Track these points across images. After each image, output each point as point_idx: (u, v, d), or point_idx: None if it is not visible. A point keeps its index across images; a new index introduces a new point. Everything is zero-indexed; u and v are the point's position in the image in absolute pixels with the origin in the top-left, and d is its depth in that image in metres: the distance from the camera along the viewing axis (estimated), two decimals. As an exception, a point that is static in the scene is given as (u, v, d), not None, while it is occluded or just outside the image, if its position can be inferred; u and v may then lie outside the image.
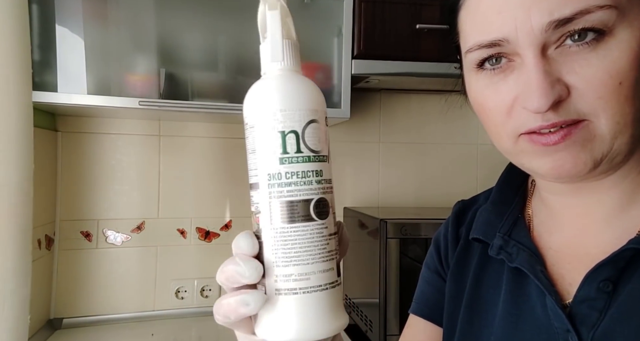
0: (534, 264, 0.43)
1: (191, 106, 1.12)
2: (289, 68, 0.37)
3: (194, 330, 1.30)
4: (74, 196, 1.32)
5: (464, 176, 1.59)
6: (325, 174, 0.36)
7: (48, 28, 1.05)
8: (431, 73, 1.22)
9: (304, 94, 0.35)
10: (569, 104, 0.36)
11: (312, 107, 0.35)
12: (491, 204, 0.51)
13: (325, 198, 0.35)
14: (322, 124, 0.35)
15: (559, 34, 0.35)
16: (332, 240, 0.36)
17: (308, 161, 0.35)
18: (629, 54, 0.35)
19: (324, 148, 0.35)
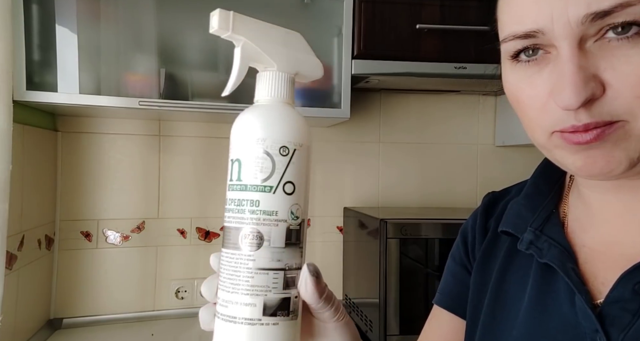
0: (565, 261, 0.42)
1: (191, 106, 1.12)
2: (266, 99, 0.37)
3: (194, 330, 1.30)
4: (74, 196, 1.32)
5: (464, 176, 1.59)
6: (264, 205, 0.35)
7: (48, 28, 1.05)
8: (431, 73, 1.22)
9: (253, 124, 0.35)
10: (603, 103, 0.34)
11: (259, 136, 0.35)
12: (524, 197, 0.50)
13: (259, 230, 0.35)
14: (275, 153, 0.35)
15: (597, 27, 0.33)
16: (262, 276, 0.34)
17: (244, 190, 0.35)
18: None
19: (270, 179, 0.35)
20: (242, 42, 0.36)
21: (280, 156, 0.35)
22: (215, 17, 0.34)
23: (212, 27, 0.35)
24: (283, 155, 0.35)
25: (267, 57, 0.36)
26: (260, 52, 0.36)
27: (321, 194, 1.47)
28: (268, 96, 0.37)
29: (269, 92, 0.37)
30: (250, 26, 0.36)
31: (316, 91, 1.22)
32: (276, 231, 0.35)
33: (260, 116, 0.36)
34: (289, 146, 0.36)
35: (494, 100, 1.61)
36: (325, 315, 0.39)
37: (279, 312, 0.35)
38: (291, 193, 0.36)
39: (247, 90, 0.40)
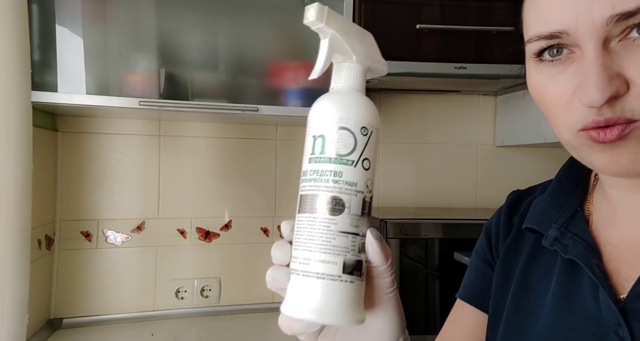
0: (589, 257, 0.42)
1: (191, 106, 1.12)
2: (345, 86, 0.41)
3: (194, 330, 1.30)
4: (74, 196, 1.32)
5: (464, 176, 1.59)
6: (346, 176, 0.39)
7: (48, 28, 1.05)
8: (431, 73, 1.22)
9: (339, 105, 0.40)
10: (625, 101, 0.35)
11: (344, 116, 0.39)
12: (549, 195, 0.51)
13: (340, 197, 0.38)
14: (357, 132, 0.39)
15: (622, 27, 0.34)
16: (343, 238, 0.38)
17: (328, 162, 0.39)
18: None
19: (352, 154, 0.39)
20: (330, 34, 0.40)
21: (361, 135, 0.39)
22: (313, 9, 0.38)
23: (307, 18, 0.39)
24: (363, 134, 0.40)
25: (350, 49, 0.40)
26: (344, 45, 0.40)
27: (321, 194, 1.47)
28: (346, 84, 0.41)
29: (348, 81, 0.41)
30: (338, 21, 0.40)
31: (316, 91, 1.21)
32: (355, 200, 0.39)
33: (343, 99, 0.40)
34: (368, 127, 0.40)
35: (494, 100, 1.61)
36: (385, 281, 0.41)
37: (354, 271, 0.38)
38: (367, 169, 0.40)
39: (246, 90, 0.40)
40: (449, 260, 1.15)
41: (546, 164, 1.61)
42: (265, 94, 1.18)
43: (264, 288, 1.58)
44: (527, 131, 1.43)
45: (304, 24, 0.39)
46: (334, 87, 0.42)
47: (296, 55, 1.21)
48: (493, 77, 1.24)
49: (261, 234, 1.45)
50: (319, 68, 0.39)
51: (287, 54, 1.21)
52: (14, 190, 0.83)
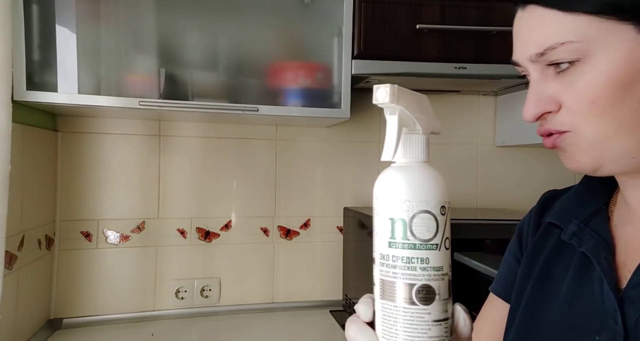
0: (600, 250, 0.47)
1: (191, 106, 1.12)
2: (413, 160, 0.41)
3: (194, 330, 1.30)
4: (74, 196, 1.32)
5: (464, 176, 1.59)
6: (433, 262, 0.38)
7: (48, 28, 1.05)
8: (431, 73, 1.22)
9: (416, 186, 0.39)
10: (556, 116, 0.45)
11: (423, 198, 0.38)
12: (574, 193, 0.56)
13: (430, 285, 0.37)
14: (437, 213, 0.38)
15: (544, 63, 0.45)
16: (437, 327, 0.37)
17: (413, 249, 0.38)
18: (602, 76, 0.41)
19: (435, 237, 0.38)
20: (398, 110, 0.39)
21: (441, 215, 0.39)
22: (384, 90, 0.38)
23: (378, 99, 0.38)
24: (442, 214, 0.39)
25: (416, 123, 0.40)
26: (411, 118, 0.40)
27: (321, 194, 1.47)
28: (414, 158, 0.41)
29: (415, 155, 0.41)
30: (404, 96, 0.39)
31: (316, 91, 1.22)
32: (443, 284, 0.38)
33: (418, 178, 0.39)
34: (446, 205, 0.39)
35: (494, 100, 1.61)
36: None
37: None
38: (449, 248, 0.39)
39: (246, 90, 0.40)
40: (449, 260, 1.15)
41: (546, 164, 1.61)
42: (265, 94, 1.18)
43: (264, 288, 1.59)
44: (527, 131, 1.43)
45: (374, 103, 0.38)
46: (401, 161, 0.41)
47: (296, 56, 1.22)
48: (493, 77, 1.24)
49: (261, 234, 1.45)
50: (393, 148, 0.38)
51: (287, 54, 1.21)
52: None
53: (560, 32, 0.43)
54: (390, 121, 0.39)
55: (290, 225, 1.47)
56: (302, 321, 1.37)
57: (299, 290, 1.48)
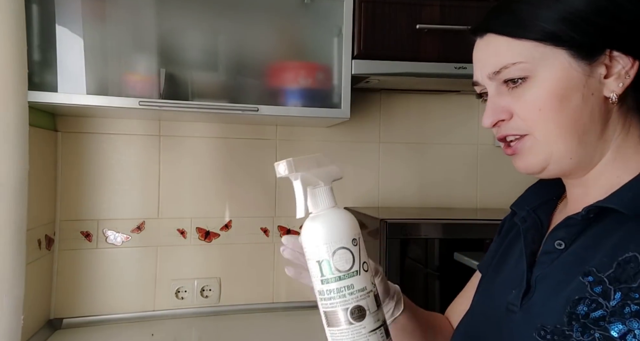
0: (530, 228, 0.59)
1: (191, 106, 1.12)
2: (322, 208, 0.49)
3: (194, 330, 1.30)
4: (74, 196, 1.32)
5: (464, 176, 1.59)
6: (357, 286, 0.47)
7: (48, 28, 1.05)
8: (431, 73, 1.22)
9: (328, 229, 0.48)
10: (510, 123, 0.56)
11: (337, 238, 0.47)
12: (535, 184, 0.66)
13: (360, 305, 0.47)
14: (350, 246, 0.47)
15: (499, 80, 0.55)
16: (374, 335, 0.47)
17: (339, 280, 0.47)
18: (545, 89, 0.52)
19: (354, 265, 0.47)
20: (299, 175, 0.49)
21: (354, 246, 0.48)
22: (282, 165, 0.49)
23: (279, 173, 0.49)
24: (354, 245, 0.48)
25: (316, 179, 0.49)
26: (312, 178, 0.49)
27: (321, 194, 1.47)
28: (324, 205, 0.49)
29: (324, 203, 0.49)
30: (301, 163, 0.49)
31: (316, 91, 1.22)
32: (370, 300, 0.47)
33: (329, 222, 0.48)
34: (356, 236, 0.48)
35: (494, 100, 1.61)
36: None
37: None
38: (367, 269, 0.48)
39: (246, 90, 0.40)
40: (449, 260, 1.15)
41: (546, 164, 1.61)
42: (265, 94, 1.18)
43: (264, 288, 1.59)
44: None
45: (277, 177, 0.48)
46: (314, 212, 0.49)
47: (296, 56, 1.22)
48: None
49: (261, 234, 1.45)
50: (302, 206, 0.49)
51: (287, 54, 1.21)
52: (10, 191, 0.82)
53: (511, 55, 0.53)
54: (295, 186, 0.49)
55: (290, 225, 1.47)
56: (302, 321, 1.37)
57: (299, 290, 1.48)
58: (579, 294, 0.47)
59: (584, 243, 0.52)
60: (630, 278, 0.45)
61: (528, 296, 0.53)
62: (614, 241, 0.48)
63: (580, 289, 0.48)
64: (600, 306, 0.46)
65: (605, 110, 0.52)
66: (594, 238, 0.51)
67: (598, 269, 0.47)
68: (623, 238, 0.48)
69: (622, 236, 0.48)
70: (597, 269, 0.47)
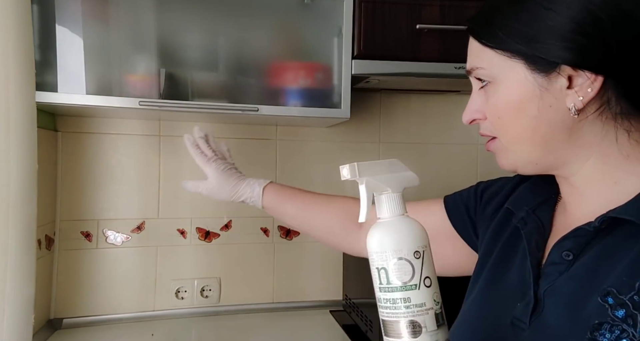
0: (533, 233, 0.56)
1: (191, 106, 1.12)
2: (389, 216, 0.48)
3: (194, 330, 1.30)
4: (74, 196, 1.32)
5: (464, 176, 1.59)
6: (414, 300, 0.45)
7: (48, 28, 1.05)
8: (431, 73, 1.22)
9: (390, 238, 0.47)
10: (484, 123, 0.57)
11: (397, 248, 0.46)
12: (531, 183, 0.64)
13: (415, 320, 0.45)
14: (411, 258, 0.46)
15: (475, 78, 0.56)
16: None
17: (395, 291, 0.45)
18: (503, 99, 0.53)
19: (413, 279, 0.45)
20: (364, 180, 0.48)
21: (415, 259, 0.46)
22: (345, 169, 0.49)
23: (344, 176, 0.49)
24: (416, 258, 0.46)
25: (384, 185, 0.49)
26: (378, 183, 0.49)
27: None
28: (390, 213, 0.48)
29: (390, 211, 0.48)
30: (367, 168, 0.49)
31: (316, 91, 1.22)
32: (429, 318, 0.45)
33: (393, 231, 0.47)
34: (419, 249, 0.46)
35: (494, 100, 1.61)
36: None
37: None
38: (430, 285, 0.46)
39: (246, 90, 0.40)
40: (449, 260, 1.15)
41: (546, 164, 1.61)
42: (265, 94, 1.18)
43: (264, 288, 1.58)
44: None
45: (342, 180, 0.49)
46: (380, 218, 0.49)
47: (296, 56, 1.22)
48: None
49: (261, 234, 1.45)
50: (364, 212, 0.48)
51: (287, 54, 1.21)
52: (18, 190, 0.83)
53: (478, 58, 0.55)
54: (360, 190, 0.49)
55: (290, 225, 1.47)
56: (302, 321, 1.37)
57: (299, 290, 1.48)
58: (600, 318, 0.44)
59: (595, 254, 0.48)
60: None
61: (537, 312, 0.50)
62: (633, 257, 0.45)
63: (601, 312, 0.44)
64: (626, 334, 0.42)
65: (570, 120, 0.50)
66: (606, 249, 0.48)
67: (619, 290, 0.44)
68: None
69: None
70: (618, 291, 0.44)
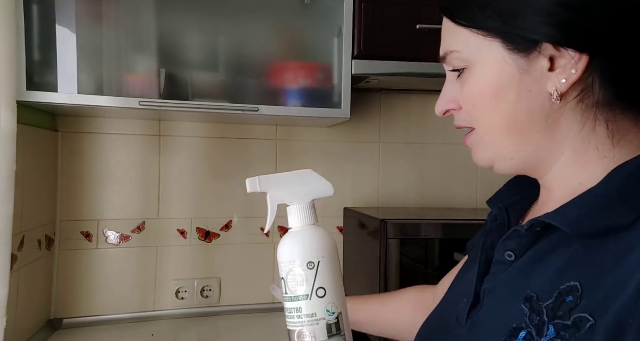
0: (494, 229, 0.56)
1: (191, 106, 1.12)
2: (298, 225, 0.49)
3: (194, 330, 1.30)
4: (74, 196, 1.32)
5: (464, 176, 1.59)
6: (305, 310, 0.45)
7: (48, 28, 1.05)
8: (431, 73, 1.22)
9: (286, 248, 0.48)
10: (459, 114, 0.52)
11: (290, 258, 0.47)
12: (512, 181, 0.62)
13: (303, 330, 0.45)
14: (304, 268, 0.46)
15: (449, 66, 0.51)
16: None
17: (291, 301, 0.46)
18: (480, 84, 0.48)
19: (304, 289, 0.46)
20: (269, 192, 0.49)
21: (308, 269, 0.46)
22: (248, 182, 0.48)
23: (248, 188, 0.48)
24: (310, 268, 0.46)
25: (290, 196, 0.49)
26: (284, 195, 0.49)
27: (321, 194, 1.47)
28: (297, 223, 0.49)
29: (297, 221, 0.49)
30: (271, 181, 0.49)
31: (316, 91, 1.22)
32: (319, 328, 0.45)
33: (290, 241, 0.48)
34: (313, 260, 0.46)
35: (494, 100, 1.61)
36: None
37: None
38: (323, 296, 0.46)
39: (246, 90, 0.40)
40: (449, 260, 1.15)
41: (546, 164, 1.61)
42: (265, 94, 1.18)
43: (264, 288, 1.58)
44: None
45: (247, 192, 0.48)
46: (289, 227, 0.49)
47: (296, 56, 1.22)
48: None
49: (261, 234, 1.45)
50: (269, 223, 0.49)
51: (287, 54, 1.21)
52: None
53: (453, 41, 0.50)
54: (268, 200, 0.49)
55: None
56: (302, 321, 1.37)
57: (299, 290, 1.47)
58: (517, 322, 0.44)
59: (531, 257, 0.47)
60: (566, 314, 0.40)
61: (475, 310, 0.50)
62: (559, 264, 0.44)
63: (520, 317, 0.44)
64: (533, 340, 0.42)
65: (549, 107, 0.45)
66: (541, 253, 0.47)
67: (539, 296, 0.43)
68: (569, 261, 0.43)
69: (569, 258, 0.43)
70: (538, 297, 0.43)
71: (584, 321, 0.39)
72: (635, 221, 0.40)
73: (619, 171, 0.44)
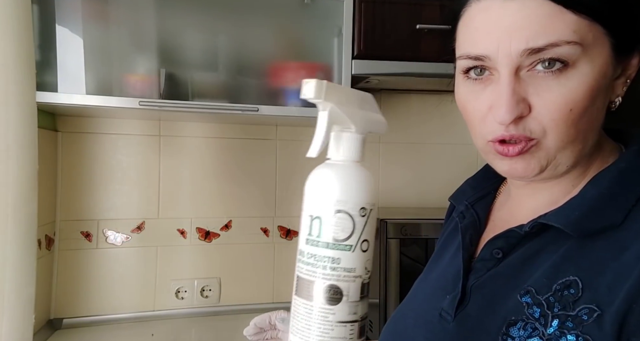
0: (469, 228, 0.56)
1: (191, 106, 1.12)
2: (344, 159, 0.39)
3: (194, 330, 1.30)
4: (74, 196, 1.32)
5: (464, 176, 1.58)
6: (344, 263, 0.37)
7: (48, 28, 1.05)
8: (431, 73, 1.22)
9: (338, 185, 0.38)
10: (527, 121, 0.43)
11: (342, 198, 0.37)
12: (472, 178, 0.64)
13: (338, 286, 0.37)
14: (355, 215, 0.37)
15: (531, 60, 0.42)
16: (341, 328, 0.37)
17: (325, 248, 0.37)
18: (584, 86, 0.42)
19: (350, 238, 0.37)
20: (329, 107, 0.37)
21: (360, 216, 0.38)
22: (310, 85, 0.36)
23: (305, 94, 0.37)
24: (362, 216, 0.38)
25: (349, 120, 0.38)
26: (343, 116, 0.38)
27: (321, 194, 1.47)
28: (345, 156, 0.39)
29: (346, 153, 0.39)
30: (337, 92, 0.37)
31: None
32: (354, 286, 0.38)
33: (343, 177, 0.38)
34: (367, 206, 0.38)
35: (494, 100, 1.61)
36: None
37: None
38: (366, 250, 0.38)
39: (246, 90, 0.40)
40: (449, 260, 1.15)
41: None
42: (265, 94, 1.18)
43: (264, 288, 1.58)
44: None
45: (301, 97, 0.37)
46: (332, 158, 0.40)
47: (296, 56, 1.22)
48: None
49: (261, 234, 1.45)
50: (318, 145, 0.37)
51: (287, 54, 1.21)
52: (19, 190, 0.83)
53: (564, 30, 0.40)
54: (320, 117, 0.38)
55: (290, 225, 1.47)
56: (302, 321, 1.37)
57: (299, 290, 1.47)
58: (516, 315, 0.44)
59: (522, 254, 0.48)
60: (569, 305, 0.41)
61: (463, 305, 0.50)
62: (555, 260, 0.45)
63: (518, 310, 0.44)
64: (536, 332, 0.42)
65: (604, 115, 0.45)
66: (533, 251, 0.47)
67: (537, 290, 0.44)
68: (564, 258, 0.44)
69: (563, 256, 0.44)
70: (536, 291, 0.44)
71: (591, 312, 0.40)
72: (624, 221, 0.43)
73: (605, 175, 0.46)
